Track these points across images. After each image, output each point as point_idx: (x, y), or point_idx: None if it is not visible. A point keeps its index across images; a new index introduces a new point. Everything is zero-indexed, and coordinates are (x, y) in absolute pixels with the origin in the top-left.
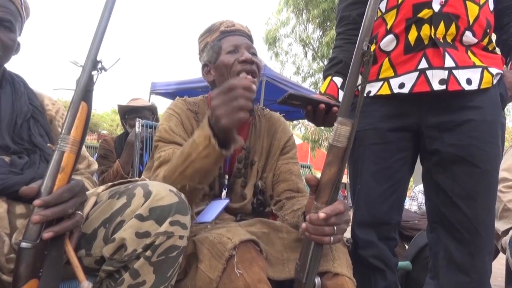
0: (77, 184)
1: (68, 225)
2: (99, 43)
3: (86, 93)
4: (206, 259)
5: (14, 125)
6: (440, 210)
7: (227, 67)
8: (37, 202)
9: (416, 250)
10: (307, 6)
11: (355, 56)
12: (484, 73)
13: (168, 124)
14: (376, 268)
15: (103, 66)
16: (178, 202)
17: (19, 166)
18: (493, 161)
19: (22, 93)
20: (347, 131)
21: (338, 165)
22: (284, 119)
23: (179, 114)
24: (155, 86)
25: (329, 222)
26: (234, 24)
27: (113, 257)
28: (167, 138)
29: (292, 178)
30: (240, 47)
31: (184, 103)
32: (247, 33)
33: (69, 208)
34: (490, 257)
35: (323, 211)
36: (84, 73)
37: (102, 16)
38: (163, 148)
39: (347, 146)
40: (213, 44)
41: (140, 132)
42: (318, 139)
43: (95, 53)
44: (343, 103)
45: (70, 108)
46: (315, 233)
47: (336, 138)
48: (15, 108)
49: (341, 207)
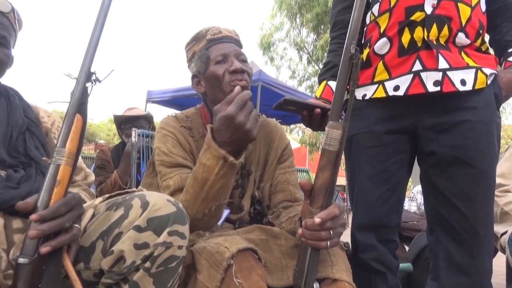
0: (73, 197)
1: (65, 239)
2: (93, 55)
3: (80, 105)
4: (204, 269)
5: (10, 138)
6: (439, 211)
7: (218, 79)
8: (34, 217)
9: (417, 251)
10: (301, 10)
11: (343, 60)
12: (478, 73)
13: (165, 145)
14: (377, 271)
15: (97, 78)
16: (176, 211)
17: (15, 180)
18: (490, 161)
19: (17, 106)
20: (338, 135)
21: (331, 169)
22: (280, 125)
23: (173, 134)
24: (151, 94)
25: (325, 227)
26: (220, 31)
27: (112, 269)
28: (168, 161)
29: (289, 188)
30: (229, 56)
31: (176, 120)
32: (235, 38)
33: (66, 222)
34: (490, 257)
35: (318, 216)
36: (78, 85)
37: (95, 28)
38: (169, 175)
39: (339, 149)
40: (201, 54)
41: (137, 142)
42: (315, 143)
43: (89, 65)
44: (334, 106)
45: (65, 121)
46: (312, 238)
47: (328, 142)
48: (10, 121)
49: (336, 211)
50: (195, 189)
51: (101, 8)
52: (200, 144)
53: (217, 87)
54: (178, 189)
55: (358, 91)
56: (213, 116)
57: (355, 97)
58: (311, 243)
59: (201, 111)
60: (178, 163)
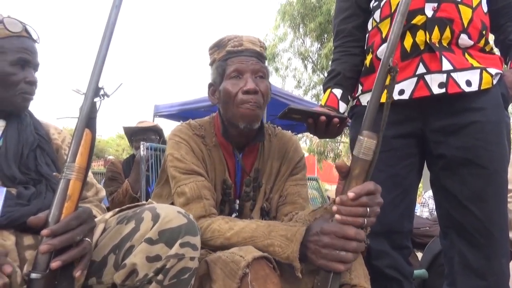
0: (84, 211)
1: (76, 253)
2: (100, 70)
3: (89, 120)
4: (219, 279)
5: (21, 155)
6: (452, 214)
7: (230, 96)
8: (45, 232)
9: (431, 257)
10: (304, 21)
11: (380, 72)
12: (483, 74)
13: (178, 152)
14: (393, 278)
15: (105, 92)
16: (187, 223)
17: (25, 198)
18: (500, 161)
19: (28, 124)
20: (373, 144)
21: (363, 178)
22: (295, 138)
23: (187, 141)
24: (158, 108)
25: (361, 202)
26: (241, 43)
27: (124, 283)
28: (182, 167)
29: (300, 201)
30: (244, 73)
31: (189, 127)
32: (257, 51)
33: (77, 236)
34: (507, 259)
35: (352, 190)
36: (87, 100)
37: (102, 43)
38: (184, 182)
39: (373, 159)
40: (219, 65)
41: (145, 155)
42: (323, 151)
43: (97, 80)
44: (368, 116)
45: (74, 136)
46: (348, 214)
47: (363, 151)
48: (21, 139)
49: (370, 186)
50: (243, 235)
51: (108, 23)
52: (212, 152)
53: (228, 104)
54: (195, 197)
55: (364, 97)
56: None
57: (362, 103)
58: (347, 220)
59: (215, 121)
60: (192, 169)
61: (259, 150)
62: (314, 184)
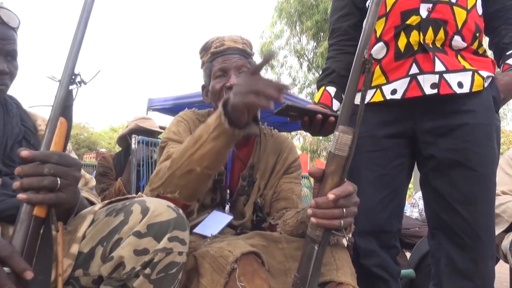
0: (71, 156)
1: (51, 197)
2: (76, 56)
3: (65, 108)
4: (207, 273)
5: (5, 147)
6: (440, 216)
7: (216, 94)
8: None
9: (419, 257)
10: (300, 18)
11: (355, 64)
12: (475, 76)
13: (176, 128)
14: (380, 277)
15: (82, 80)
16: (177, 217)
17: (11, 188)
18: (489, 164)
19: (14, 115)
20: (348, 140)
21: (340, 174)
22: (291, 140)
23: (187, 122)
24: (152, 102)
25: (338, 204)
26: (223, 43)
27: (111, 276)
28: (176, 139)
29: (293, 197)
30: (228, 70)
31: (193, 113)
32: (239, 48)
33: (53, 170)
34: (493, 261)
35: (332, 192)
36: (62, 87)
37: (78, 28)
38: (172, 145)
39: (349, 154)
40: (206, 66)
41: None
42: (316, 149)
43: (72, 67)
44: (343, 111)
45: (48, 125)
46: (324, 217)
47: (338, 147)
48: (6, 130)
49: (350, 188)
50: (188, 144)
51: (84, 7)
52: None
53: (215, 101)
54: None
55: (356, 96)
56: None
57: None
58: (323, 222)
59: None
60: None
61: (254, 146)
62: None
